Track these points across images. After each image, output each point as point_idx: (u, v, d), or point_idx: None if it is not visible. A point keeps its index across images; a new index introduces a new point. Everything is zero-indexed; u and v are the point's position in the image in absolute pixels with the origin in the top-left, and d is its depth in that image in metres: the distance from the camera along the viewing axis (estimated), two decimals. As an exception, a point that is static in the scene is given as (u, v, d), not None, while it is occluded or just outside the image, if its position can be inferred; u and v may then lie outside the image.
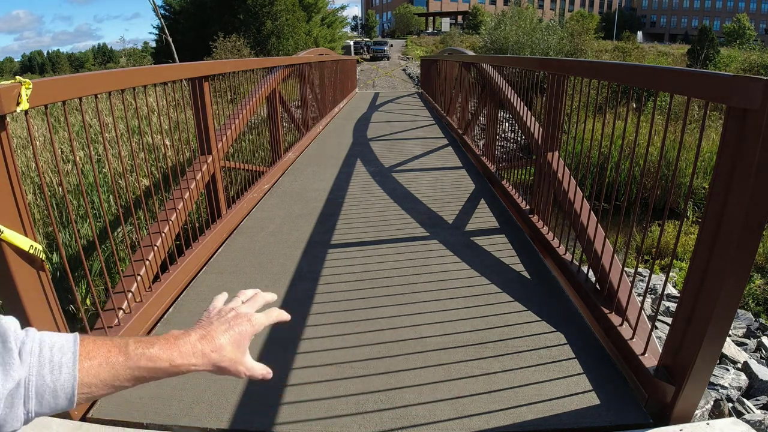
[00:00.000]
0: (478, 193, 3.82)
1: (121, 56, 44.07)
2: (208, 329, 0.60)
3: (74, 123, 7.34)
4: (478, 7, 49.63)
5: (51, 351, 0.49)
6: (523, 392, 1.58)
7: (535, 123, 3.20)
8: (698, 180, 7.48)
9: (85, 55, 66.93)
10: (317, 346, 1.85)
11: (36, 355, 0.48)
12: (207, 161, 2.83)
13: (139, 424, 1.48)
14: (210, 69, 2.92)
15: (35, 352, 0.48)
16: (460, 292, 2.23)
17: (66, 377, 0.49)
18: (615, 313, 1.80)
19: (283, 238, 2.96)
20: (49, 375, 0.48)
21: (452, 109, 7.20)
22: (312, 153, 5.45)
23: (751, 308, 4.10)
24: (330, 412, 1.52)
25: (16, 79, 1.28)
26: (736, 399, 2.12)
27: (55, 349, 0.50)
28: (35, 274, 1.38)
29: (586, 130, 2.21)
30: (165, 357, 0.55)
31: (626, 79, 1.97)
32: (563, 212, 2.50)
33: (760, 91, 1.11)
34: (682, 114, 1.76)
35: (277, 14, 21.75)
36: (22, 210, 1.33)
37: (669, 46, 35.12)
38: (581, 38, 21.08)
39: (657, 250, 3.32)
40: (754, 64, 17.98)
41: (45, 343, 0.50)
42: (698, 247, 1.33)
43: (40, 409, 0.48)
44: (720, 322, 1.29)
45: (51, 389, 0.48)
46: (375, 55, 31.64)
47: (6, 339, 0.47)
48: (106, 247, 3.96)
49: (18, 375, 0.46)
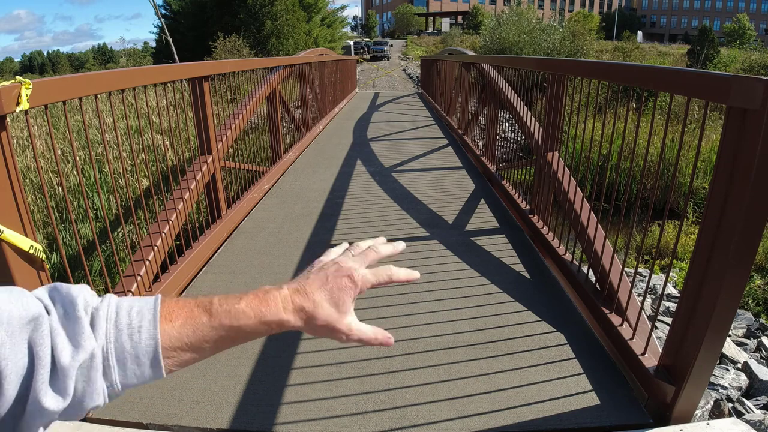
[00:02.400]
0: (478, 193, 3.82)
1: (121, 56, 44.10)
2: (303, 283, 0.52)
3: (74, 123, 7.34)
4: (478, 7, 49.67)
5: (129, 315, 0.46)
6: (524, 392, 1.58)
7: (535, 123, 3.20)
8: (698, 180, 7.49)
9: (85, 55, 66.93)
10: (317, 346, 1.85)
11: (112, 320, 0.45)
12: (207, 161, 2.82)
13: (139, 424, 1.48)
14: (210, 69, 2.92)
15: (111, 318, 0.45)
16: (460, 292, 2.22)
17: (147, 342, 0.45)
18: (615, 313, 1.80)
19: (283, 238, 2.96)
20: (128, 341, 0.44)
21: (452, 109, 7.20)
22: (312, 153, 5.45)
23: (751, 308, 4.10)
24: (330, 412, 1.52)
25: (16, 79, 1.28)
26: (736, 399, 2.12)
27: (133, 312, 0.46)
28: (35, 274, 1.38)
29: (586, 131, 2.21)
30: (252, 313, 0.49)
31: (626, 79, 1.97)
32: (563, 212, 2.50)
33: (760, 91, 1.10)
34: (682, 114, 1.77)
35: (277, 14, 21.76)
36: (22, 210, 1.33)
37: (669, 46, 35.13)
38: (582, 38, 21.09)
39: (657, 250, 3.32)
40: (755, 64, 17.99)
41: (122, 308, 0.46)
42: (698, 247, 1.33)
43: (126, 380, 0.44)
44: (720, 322, 1.29)
45: (132, 356, 0.44)
46: (375, 55, 31.65)
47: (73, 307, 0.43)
48: (106, 247, 3.96)
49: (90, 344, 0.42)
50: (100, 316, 0.44)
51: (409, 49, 34.62)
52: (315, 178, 4.30)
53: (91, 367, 0.42)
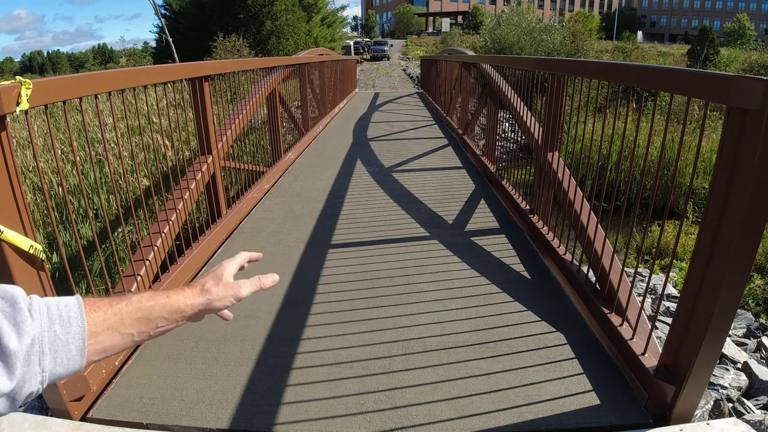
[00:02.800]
0: (478, 193, 3.82)
1: (122, 56, 44.13)
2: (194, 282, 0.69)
3: (74, 123, 7.34)
4: (478, 7, 49.66)
5: (58, 307, 0.52)
6: (524, 392, 1.58)
7: (535, 123, 3.20)
8: (698, 180, 7.48)
9: (85, 55, 66.94)
10: (317, 346, 1.85)
11: (44, 312, 0.50)
12: (207, 161, 2.82)
13: (139, 424, 1.48)
14: (210, 69, 2.92)
15: (44, 310, 0.50)
16: (460, 292, 2.22)
17: (76, 328, 0.51)
18: (615, 313, 1.80)
19: (283, 237, 2.96)
20: (60, 328, 0.50)
21: (452, 109, 7.20)
22: (312, 153, 5.45)
23: (751, 308, 4.10)
24: (330, 412, 1.52)
25: (16, 79, 1.28)
26: (736, 399, 2.12)
27: (61, 305, 0.52)
28: (35, 274, 1.38)
29: (586, 131, 2.21)
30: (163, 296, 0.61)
31: (626, 79, 1.97)
32: (563, 212, 2.50)
33: (760, 91, 1.10)
34: (682, 114, 1.76)
35: (277, 14, 21.76)
36: (22, 210, 1.33)
37: (669, 46, 35.14)
38: (583, 39, 21.09)
39: (657, 250, 3.32)
40: (755, 65, 17.99)
41: (51, 302, 0.52)
42: (698, 247, 1.33)
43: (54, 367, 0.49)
44: (720, 322, 1.29)
45: (63, 342, 0.50)
46: (375, 55, 31.65)
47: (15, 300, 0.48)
48: (106, 247, 3.96)
49: (32, 331, 0.47)
50: (34, 308, 0.50)
51: (409, 49, 34.62)
52: (315, 178, 4.30)
53: (32, 352, 0.47)
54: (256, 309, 2.11)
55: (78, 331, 0.51)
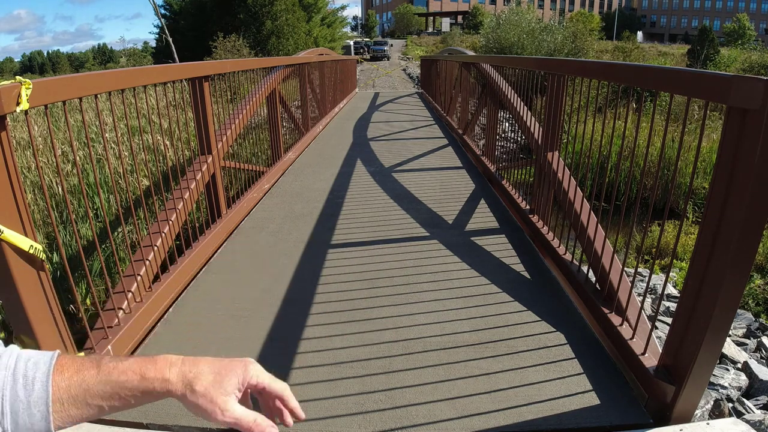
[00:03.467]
0: (478, 193, 3.82)
1: (122, 56, 44.13)
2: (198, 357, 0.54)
3: (74, 123, 7.34)
4: (478, 7, 49.69)
5: (26, 365, 0.48)
6: (523, 392, 1.58)
7: (535, 123, 3.20)
8: (698, 180, 7.48)
9: (85, 55, 66.98)
10: (317, 346, 1.85)
11: (11, 369, 0.47)
12: (207, 161, 2.82)
13: (139, 424, 1.48)
14: (210, 69, 2.92)
15: (10, 366, 0.47)
16: (460, 292, 2.22)
17: (39, 393, 0.47)
18: (615, 313, 1.80)
19: (283, 237, 2.96)
20: (22, 390, 0.46)
21: (452, 109, 7.20)
22: (312, 153, 5.45)
23: (751, 308, 4.10)
24: (330, 412, 1.52)
25: (16, 79, 1.28)
26: (736, 399, 2.12)
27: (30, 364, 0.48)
28: (35, 274, 1.38)
29: (586, 130, 2.21)
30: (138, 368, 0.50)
31: (626, 79, 1.97)
32: (563, 212, 2.50)
33: (760, 91, 1.10)
34: (682, 114, 1.76)
35: (277, 14, 21.77)
36: (22, 210, 1.33)
37: (669, 46, 35.14)
38: (583, 39, 21.09)
39: (657, 250, 3.32)
40: (755, 64, 18.00)
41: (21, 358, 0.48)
42: (698, 247, 1.33)
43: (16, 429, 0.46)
44: (720, 322, 1.29)
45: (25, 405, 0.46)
46: (375, 55, 31.66)
47: None
48: (106, 247, 3.96)
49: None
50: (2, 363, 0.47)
51: (409, 49, 34.63)
52: (315, 178, 4.29)
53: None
54: (256, 309, 2.11)
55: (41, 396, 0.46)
